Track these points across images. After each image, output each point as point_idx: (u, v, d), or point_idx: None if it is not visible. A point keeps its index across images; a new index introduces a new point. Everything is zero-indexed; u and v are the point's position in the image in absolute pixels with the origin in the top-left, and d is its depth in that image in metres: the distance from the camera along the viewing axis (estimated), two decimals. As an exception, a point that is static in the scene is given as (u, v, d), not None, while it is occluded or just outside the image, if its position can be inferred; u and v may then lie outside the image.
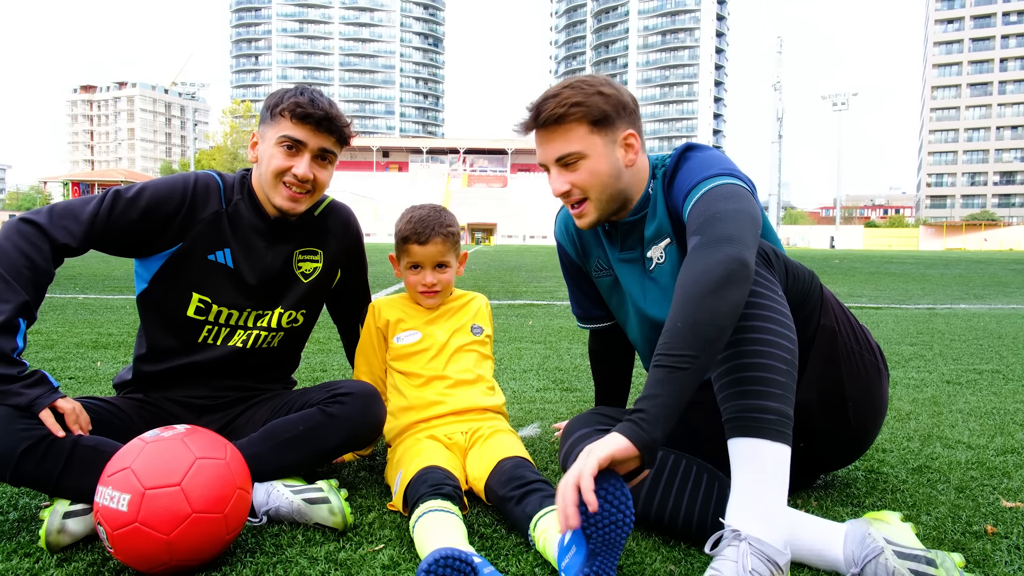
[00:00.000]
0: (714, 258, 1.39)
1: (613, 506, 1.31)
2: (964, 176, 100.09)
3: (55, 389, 1.60)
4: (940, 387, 3.55)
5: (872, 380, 1.75)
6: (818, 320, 1.66)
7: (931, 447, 2.47)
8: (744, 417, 1.40)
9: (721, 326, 1.35)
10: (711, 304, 1.35)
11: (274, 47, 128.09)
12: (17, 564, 1.49)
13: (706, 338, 1.33)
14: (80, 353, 4.13)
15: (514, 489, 1.69)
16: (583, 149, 1.68)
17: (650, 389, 1.32)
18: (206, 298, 1.90)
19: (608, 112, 1.68)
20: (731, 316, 1.36)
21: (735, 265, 1.38)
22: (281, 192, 1.86)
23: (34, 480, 1.57)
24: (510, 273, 13.88)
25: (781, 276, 1.57)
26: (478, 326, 2.22)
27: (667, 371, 1.31)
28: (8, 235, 1.66)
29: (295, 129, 1.82)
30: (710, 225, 1.47)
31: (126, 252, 1.85)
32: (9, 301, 1.57)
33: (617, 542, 1.33)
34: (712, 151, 1.74)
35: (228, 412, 1.98)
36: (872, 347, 1.78)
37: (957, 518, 1.81)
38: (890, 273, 15.43)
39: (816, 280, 1.69)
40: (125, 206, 1.78)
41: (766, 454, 1.39)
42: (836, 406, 1.71)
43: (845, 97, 72.11)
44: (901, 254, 37.09)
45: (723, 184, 1.58)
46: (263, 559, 1.53)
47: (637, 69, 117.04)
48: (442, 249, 2.11)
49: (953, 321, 6.52)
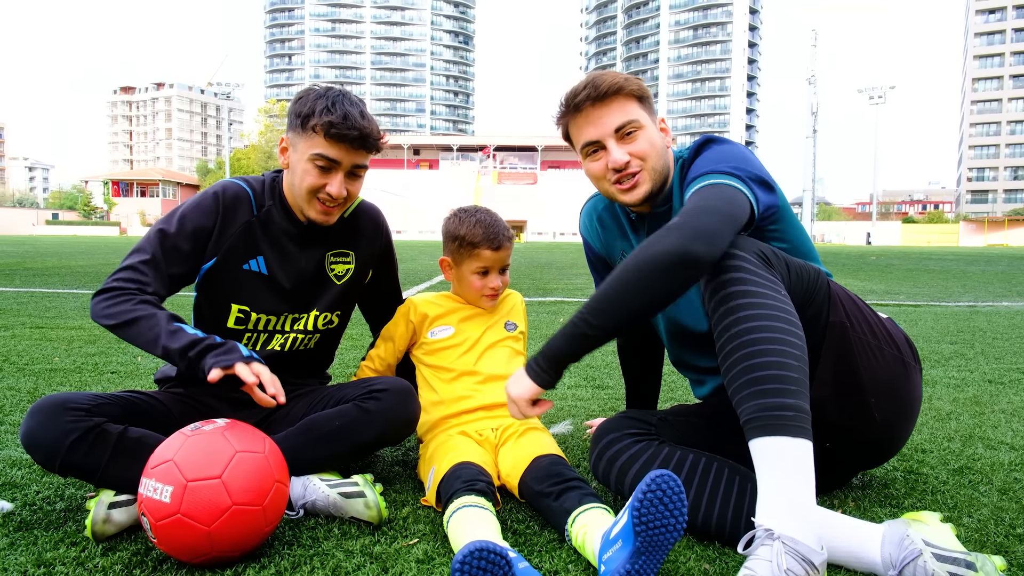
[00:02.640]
0: (662, 245, 1.47)
1: (667, 508, 1.31)
2: (1007, 170, 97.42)
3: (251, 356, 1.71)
4: (982, 386, 3.47)
5: (896, 374, 1.71)
6: (827, 317, 1.64)
7: (973, 448, 2.41)
8: (763, 416, 1.39)
9: (635, 312, 1.52)
10: (635, 289, 1.49)
11: (307, 47, 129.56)
12: (64, 553, 1.53)
13: (618, 317, 1.52)
14: (121, 348, 4.23)
15: (552, 485, 1.69)
16: (640, 119, 1.77)
17: (556, 337, 1.58)
18: (245, 307, 1.93)
19: (647, 94, 1.80)
20: (650, 305, 1.51)
21: (675, 260, 1.45)
22: (315, 207, 1.88)
23: (81, 470, 1.62)
24: (540, 270, 13.87)
25: (783, 275, 1.56)
26: (512, 322, 2.23)
27: (575, 328, 1.55)
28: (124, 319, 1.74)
29: (329, 148, 1.80)
30: (686, 212, 1.53)
31: (188, 280, 1.92)
32: (155, 325, 1.70)
33: (664, 545, 1.33)
34: (730, 146, 1.73)
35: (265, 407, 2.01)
36: (895, 341, 1.73)
37: (1000, 520, 1.77)
38: (929, 270, 15.09)
39: (822, 277, 1.67)
40: (174, 240, 1.84)
41: (790, 451, 1.37)
42: (856, 403, 1.68)
43: (882, 90, 70.51)
44: (940, 250, 36.25)
45: (719, 184, 1.59)
46: (300, 551, 1.56)
47: (668, 64, 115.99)
48: (509, 252, 2.16)
49: (995, 319, 6.35)
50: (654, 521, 1.31)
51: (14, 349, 4.12)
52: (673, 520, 1.31)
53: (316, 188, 1.84)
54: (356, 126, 1.79)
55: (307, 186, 1.84)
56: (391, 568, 1.49)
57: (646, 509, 1.31)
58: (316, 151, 1.81)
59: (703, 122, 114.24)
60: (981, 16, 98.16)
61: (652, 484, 1.32)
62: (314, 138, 1.80)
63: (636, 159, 1.76)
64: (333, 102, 1.80)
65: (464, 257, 2.15)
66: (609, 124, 1.75)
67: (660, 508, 1.31)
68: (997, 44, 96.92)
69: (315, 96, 1.83)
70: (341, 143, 1.80)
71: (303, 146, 1.83)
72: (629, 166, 1.77)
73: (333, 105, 1.79)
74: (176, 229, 1.85)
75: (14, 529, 1.65)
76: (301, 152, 1.84)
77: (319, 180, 1.83)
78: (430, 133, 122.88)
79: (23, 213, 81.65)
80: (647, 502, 1.31)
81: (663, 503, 1.31)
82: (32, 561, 1.48)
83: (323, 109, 1.78)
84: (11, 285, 8.60)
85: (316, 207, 1.88)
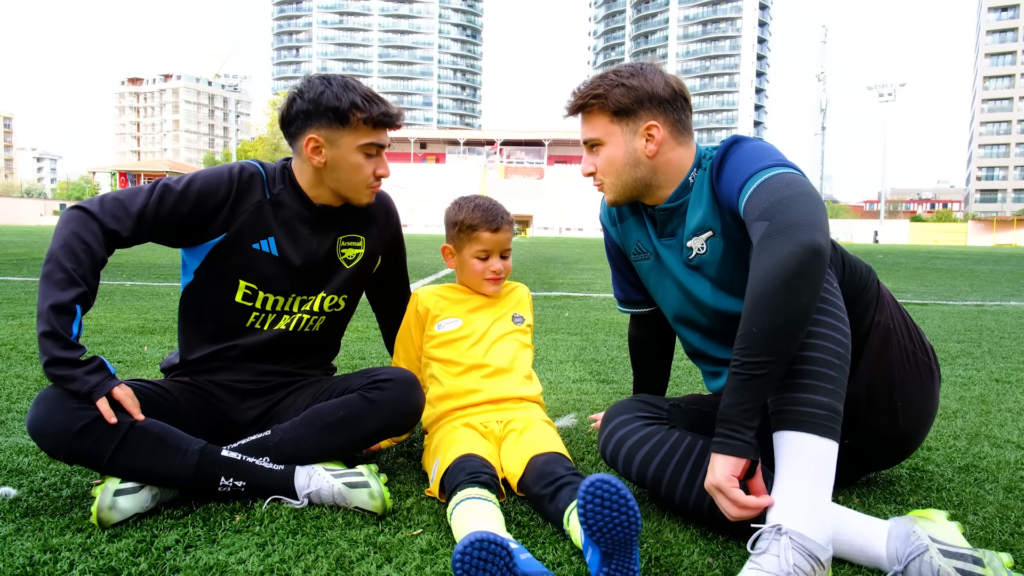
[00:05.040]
0: (786, 248, 1.35)
1: (612, 510, 1.32)
2: (1017, 169, 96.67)
3: (112, 376, 1.66)
4: (989, 385, 3.46)
5: (925, 381, 1.72)
6: (873, 316, 1.63)
7: (979, 446, 2.40)
8: (793, 410, 1.38)
9: (796, 324, 1.35)
10: (784, 303, 1.33)
11: (315, 39, 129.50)
12: (70, 539, 1.54)
13: (782, 340, 1.34)
14: (127, 338, 4.25)
15: (546, 486, 1.70)
16: (601, 137, 1.80)
17: (730, 397, 1.38)
18: (252, 285, 1.94)
19: (627, 105, 1.75)
20: (806, 312, 1.36)
21: (807, 256, 1.34)
22: (368, 193, 1.97)
23: (87, 459, 1.63)
24: (546, 265, 13.86)
25: (838, 268, 1.55)
26: (519, 315, 2.23)
27: (744, 379, 1.36)
28: (63, 222, 1.72)
29: (378, 135, 1.90)
30: (777, 211, 1.41)
31: (176, 243, 1.89)
32: (68, 288, 1.62)
33: (627, 542, 1.33)
34: (761, 142, 1.72)
35: (271, 397, 2.02)
36: (926, 348, 1.75)
37: (1006, 518, 1.76)
38: (937, 268, 15.01)
39: (873, 275, 1.67)
40: (175, 199, 1.82)
41: (814, 449, 1.36)
42: (885, 405, 1.68)
43: (892, 88, 70.16)
44: (948, 249, 36.07)
45: (781, 173, 1.53)
46: (304, 540, 1.56)
47: (677, 60, 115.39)
48: (509, 236, 2.17)
49: (1003, 318, 6.32)
50: (605, 526, 1.32)
51: (21, 337, 4.14)
52: (623, 518, 1.32)
53: (371, 174, 1.93)
54: (391, 108, 1.91)
55: (365, 175, 1.93)
56: (395, 558, 1.49)
57: (592, 519, 1.32)
58: (365, 140, 1.88)
59: (711, 118, 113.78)
60: (993, 13, 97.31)
61: (587, 495, 1.33)
62: (360, 129, 1.87)
63: (599, 172, 1.83)
64: (365, 95, 1.87)
65: (464, 242, 2.16)
66: (582, 135, 1.86)
67: (605, 512, 1.32)
68: (1009, 42, 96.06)
69: (339, 88, 1.86)
70: (385, 129, 1.91)
71: (348, 140, 1.87)
72: (594, 176, 1.85)
73: (367, 96, 1.87)
74: (181, 188, 1.84)
75: (21, 515, 1.66)
76: (346, 146, 1.88)
77: (371, 166, 1.92)
78: (437, 127, 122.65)
79: (31, 203, 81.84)
80: (590, 511, 1.32)
81: (605, 507, 1.32)
82: (38, 547, 1.49)
83: (362, 101, 1.85)
84: (19, 275, 8.64)
85: (368, 192, 1.97)
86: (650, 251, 1.96)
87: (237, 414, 1.97)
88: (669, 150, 1.78)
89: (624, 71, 1.78)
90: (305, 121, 1.87)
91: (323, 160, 1.89)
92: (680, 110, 1.78)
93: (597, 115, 1.79)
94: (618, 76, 1.77)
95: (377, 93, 1.91)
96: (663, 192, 1.82)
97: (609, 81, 1.76)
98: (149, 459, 1.65)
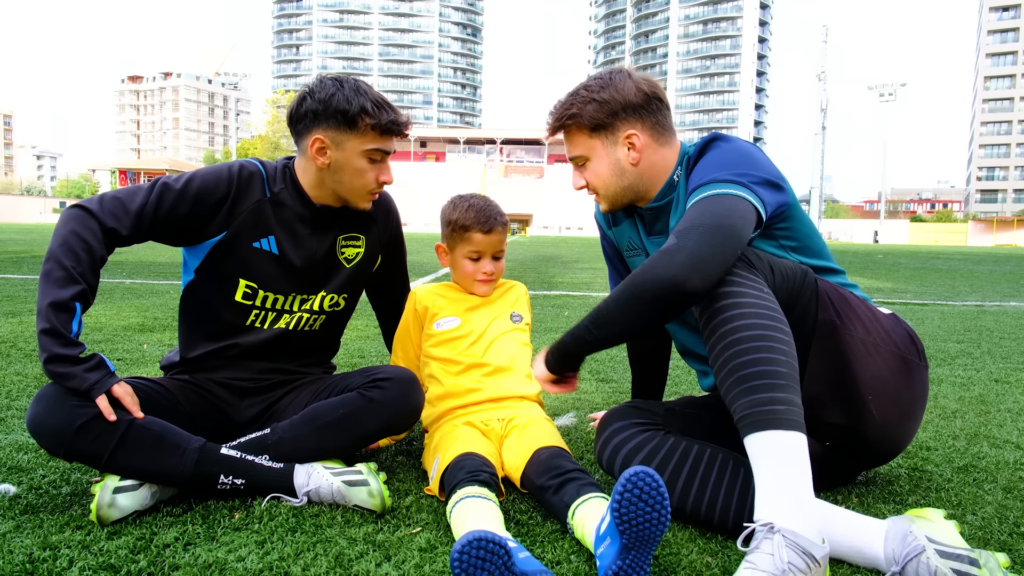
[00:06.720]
0: (657, 272, 1.49)
1: (648, 504, 1.31)
2: (1017, 170, 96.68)
3: (112, 374, 1.66)
4: (988, 385, 3.46)
5: (897, 372, 1.69)
6: (815, 315, 1.63)
7: (978, 446, 2.40)
8: (754, 412, 1.39)
9: (632, 331, 1.66)
10: (631, 311, 1.54)
11: (315, 38, 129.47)
12: (69, 536, 1.54)
13: (615, 333, 1.63)
14: (127, 336, 4.25)
15: (551, 478, 1.70)
16: (585, 152, 1.84)
17: (566, 334, 1.68)
18: (252, 284, 1.94)
19: (602, 120, 1.78)
20: (646, 327, 1.62)
21: (667, 290, 1.47)
22: (367, 199, 1.96)
23: (87, 456, 1.63)
24: (546, 264, 13.84)
25: (767, 275, 1.56)
26: (517, 314, 2.23)
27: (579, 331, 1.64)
28: (63, 221, 1.72)
29: (385, 142, 1.90)
30: (683, 234, 1.52)
31: (176, 242, 1.89)
32: (67, 286, 1.62)
33: (651, 539, 1.33)
34: (738, 145, 1.72)
35: (270, 395, 2.02)
36: (893, 338, 1.71)
37: (1004, 518, 1.76)
38: (936, 269, 15.02)
39: (809, 276, 1.65)
40: (174, 198, 1.82)
41: (784, 444, 1.37)
42: (852, 401, 1.67)
43: (893, 88, 70.08)
44: (948, 250, 36.08)
45: (722, 195, 1.57)
46: (303, 538, 1.56)
47: (677, 59, 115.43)
48: (502, 238, 2.17)
49: (1003, 319, 6.33)
50: (636, 518, 1.31)
51: (21, 335, 4.14)
52: (655, 515, 1.31)
53: (373, 180, 1.92)
54: (399, 116, 1.90)
55: (367, 180, 1.92)
56: (394, 556, 1.49)
57: (626, 508, 1.32)
58: (371, 146, 1.87)
59: (711, 118, 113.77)
60: (995, 13, 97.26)
61: (628, 483, 1.32)
62: (367, 134, 1.86)
63: (589, 186, 1.88)
64: (376, 100, 1.86)
65: (457, 241, 2.17)
66: (567, 152, 1.90)
67: (640, 505, 1.31)
68: (1011, 42, 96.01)
69: (350, 91, 1.84)
70: (392, 136, 1.91)
71: (353, 143, 1.86)
72: (586, 189, 1.90)
73: (377, 102, 1.86)
74: (181, 187, 1.83)
75: (20, 512, 1.67)
76: (351, 149, 1.87)
77: (374, 172, 1.91)
78: (437, 125, 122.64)
79: (31, 201, 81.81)
80: (626, 501, 1.32)
81: (642, 500, 1.31)
82: (38, 544, 1.49)
83: (372, 107, 1.84)
84: (18, 272, 8.65)
85: (368, 198, 1.96)
86: (641, 248, 1.98)
87: (236, 412, 1.98)
88: (652, 153, 1.81)
89: (594, 85, 1.80)
90: (313, 121, 1.86)
91: (327, 161, 1.88)
92: (656, 112, 1.80)
93: (576, 133, 1.83)
94: (589, 92, 1.79)
95: (387, 100, 1.90)
96: (652, 193, 1.86)
97: (581, 98, 1.79)
98: (148, 457, 1.65)
